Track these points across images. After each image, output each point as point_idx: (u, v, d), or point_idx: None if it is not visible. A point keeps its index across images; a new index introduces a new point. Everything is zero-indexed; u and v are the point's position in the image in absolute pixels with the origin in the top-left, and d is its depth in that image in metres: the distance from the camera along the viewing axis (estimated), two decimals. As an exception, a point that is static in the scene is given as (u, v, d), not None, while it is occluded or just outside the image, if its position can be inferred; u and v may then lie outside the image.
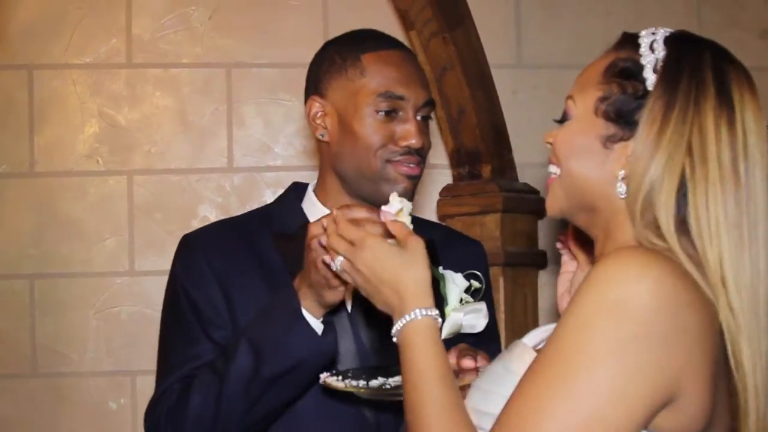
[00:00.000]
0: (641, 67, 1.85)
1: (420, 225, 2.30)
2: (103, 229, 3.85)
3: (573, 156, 1.90)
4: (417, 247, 1.96)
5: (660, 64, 1.83)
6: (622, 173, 1.84)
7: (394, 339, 1.93)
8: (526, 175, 3.85)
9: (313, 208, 2.55)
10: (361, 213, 2.10)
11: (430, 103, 2.51)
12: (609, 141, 1.86)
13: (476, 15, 3.72)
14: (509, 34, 3.98)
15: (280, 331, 2.26)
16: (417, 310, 1.90)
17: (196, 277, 2.43)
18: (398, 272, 1.95)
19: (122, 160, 3.87)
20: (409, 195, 2.45)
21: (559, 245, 2.27)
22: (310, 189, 2.59)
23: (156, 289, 3.72)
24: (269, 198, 3.76)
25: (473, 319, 2.49)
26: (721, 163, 1.77)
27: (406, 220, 2.11)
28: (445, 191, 3.81)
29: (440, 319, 1.94)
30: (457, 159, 3.78)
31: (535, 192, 3.75)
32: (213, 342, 2.40)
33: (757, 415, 1.78)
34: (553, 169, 1.96)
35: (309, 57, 2.56)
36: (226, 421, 2.29)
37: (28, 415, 3.78)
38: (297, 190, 2.61)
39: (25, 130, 3.84)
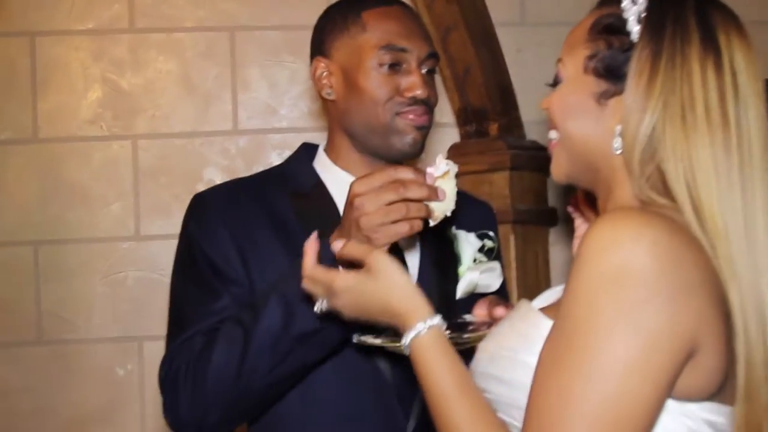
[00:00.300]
0: (625, 21, 1.84)
1: None
2: (108, 194, 3.82)
3: (569, 117, 1.90)
4: (382, 262, 1.93)
5: (643, 14, 1.83)
6: (618, 128, 1.83)
7: (406, 352, 1.91)
8: (533, 132, 3.79)
9: (325, 167, 2.55)
10: (407, 174, 2.10)
11: (433, 56, 2.50)
12: (602, 97, 1.86)
13: (480, -26, 3.67)
14: (513, -7, 3.96)
15: None
16: (419, 324, 1.88)
17: (211, 235, 2.40)
18: (381, 300, 1.92)
19: (126, 124, 3.83)
20: (419, 146, 2.45)
21: (570, 209, 2.26)
22: (320, 149, 2.58)
23: (162, 254, 3.74)
24: (275, 160, 3.74)
25: (488, 278, 2.52)
26: (708, 107, 1.75)
27: (451, 183, 2.11)
28: (453, 149, 3.76)
29: (445, 323, 1.90)
30: (464, 117, 3.74)
31: (543, 149, 3.53)
32: (232, 297, 2.37)
33: (748, 363, 1.73)
34: (553, 134, 1.95)
35: (312, 19, 2.56)
36: (249, 378, 2.26)
37: (35, 382, 3.77)
38: (308, 150, 2.60)
39: (28, 96, 3.81)
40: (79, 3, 3.84)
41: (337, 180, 2.50)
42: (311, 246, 2.04)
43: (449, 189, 2.10)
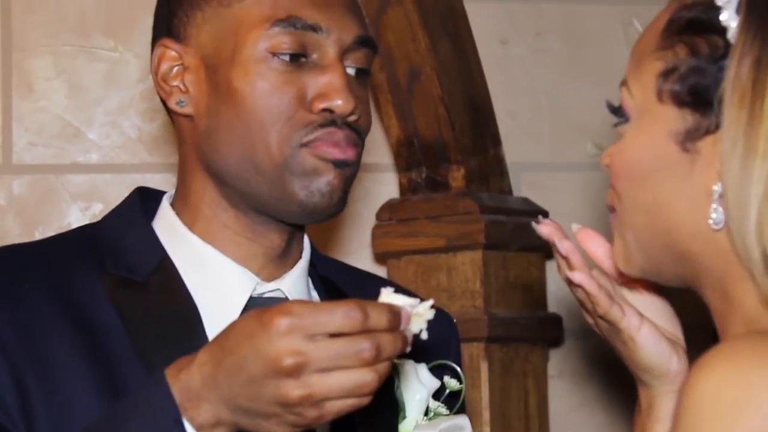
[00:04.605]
0: (717, 10, 1.47)
1: (331, 286, 1.96)
2: None
3: (640, 178, 1.52)
4: None
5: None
6: (717, 188, 1.41)
7: None
8: (524, 182, 3.13)
9: (173, 235, 2.05)
10: (381, 318, 1.62)
11: (366, 43, 2.02)
12: (688, 138, 1.45)
13: None
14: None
15: None
16: None
17: None
18: None
19: None
20: (338, 198, 1.96)
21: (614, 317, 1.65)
22: (165, 202, 2.08)
23: None
24: (75, 218, 3.07)
25: (453, 446, 2.35)
26: None
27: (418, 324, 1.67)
28: (387, 212, 3.01)
29: None
30: (407, 156, 3.03)
31: (541, 212, 2.92)
32: None
33: None
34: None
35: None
36: None
37: None
38: (144, 203, 2.10)
39: None
40: None
41: (194, 259, 2.00)
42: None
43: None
